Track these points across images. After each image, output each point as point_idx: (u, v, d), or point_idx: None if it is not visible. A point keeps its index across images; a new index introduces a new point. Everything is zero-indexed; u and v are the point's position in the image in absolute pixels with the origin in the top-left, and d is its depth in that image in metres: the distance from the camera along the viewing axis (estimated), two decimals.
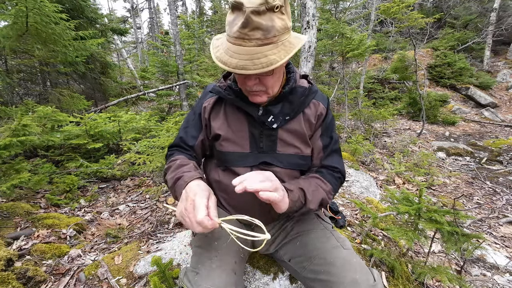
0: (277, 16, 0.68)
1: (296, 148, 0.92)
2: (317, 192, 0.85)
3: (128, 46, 17.60)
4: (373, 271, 0.80)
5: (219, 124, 0.92)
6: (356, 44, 4.01)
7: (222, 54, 0.73)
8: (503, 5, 10.12)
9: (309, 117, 0.92)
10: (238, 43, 0.70)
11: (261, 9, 0.65)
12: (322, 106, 0.94)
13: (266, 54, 0.69)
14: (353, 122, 5.56)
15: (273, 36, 0.69)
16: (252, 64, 0.68)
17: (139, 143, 2.71)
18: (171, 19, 5.72)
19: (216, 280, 0.74)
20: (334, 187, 0.92)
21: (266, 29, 0.67)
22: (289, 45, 0.72)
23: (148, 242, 1.66)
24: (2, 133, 1.91)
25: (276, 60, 0.69)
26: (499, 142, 5.44)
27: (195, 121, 0.98)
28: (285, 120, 0.89)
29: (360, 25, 9.73)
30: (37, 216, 1.86)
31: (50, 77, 4.17)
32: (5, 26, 2.67)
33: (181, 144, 0.99)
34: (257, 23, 0.66)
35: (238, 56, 0.69)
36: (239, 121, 0.91)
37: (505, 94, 8.91)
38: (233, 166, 0.92)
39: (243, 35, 0.68)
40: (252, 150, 0.91)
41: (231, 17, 0.71)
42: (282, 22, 0.70)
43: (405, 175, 3.45)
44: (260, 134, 0.90)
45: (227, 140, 0.91)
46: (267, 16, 0.67)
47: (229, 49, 0.71)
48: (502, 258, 1.91)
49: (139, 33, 17.81)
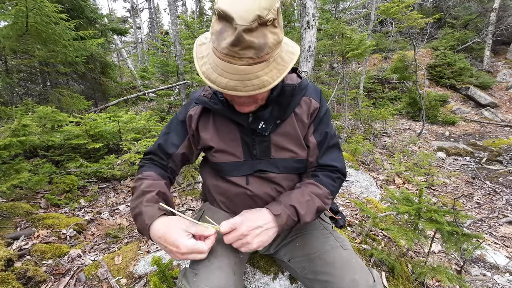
0: (270, 30, 0.62)
1: (291, 152, 0.88)
2: (312, 202, 0.81)
3: (128, 46, 17.60)
4: (373, 272, 0.80)
5: (210, 136, 0.89)
6: (356, 44, 4.01)
7: (210, 71, 0.67)
8: (503, 5, 10.12)
9: (302, 116, 0.87)
10: (227, 60, 0.63)
11: (253, 26, 0.59)
12: (314, 102, 0.88)
13: (258, 75, 0.64)
14: (353, 122, 5.56)
15: (266, 53, 0.63)
16: (243, 85, 0.64)
17: (139, 143, 2.71)
18: (171, 19, 5.72)
19: (214, 281, 0.74)
20: (332, 189, 0.87)
21: (258, 48, 0.61)
22: (282, 62, 0.68)
23: (148, 242, 1.66)
24: (2, 133, 1.91)
25: (269, 81, 0.65)
26: (499, 142, 5.45)
27: (178, 128, 0.93)
28: (276, 124, 0.85)
29: (360, 25, 9.73)
30: (37, 216, 1.86)
31: (50, 77, 4.17)
32: (5, 26, 2.67)
33: (158, 152, 0.93)
34: (249, 42, 0.60)
35: (227, 75, 0.64)
36: (230, 130, 0.88)
37: (505, 94, 8.91)
38: (229, 176, 0.90)
39: (233, 53, 0.62)
40: (246, 158, 0.88)
41: (217, 26, 0.63)
42: (275, 37, 0.64)
43: (405, 175, 3.45)
44: (253, 141, 0.87)
45: (220, 151, 0.89)
46: (260, 32, 0.60)
47: (217, 65, 0.65)
48: (502, 258, 1.91)
49: (139, 33, 17.81)
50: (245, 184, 0.89)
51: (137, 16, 17.78)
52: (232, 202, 0.95)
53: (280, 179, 0.90)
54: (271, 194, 0.90)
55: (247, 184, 0.89)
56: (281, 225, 0.76)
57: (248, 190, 0.89)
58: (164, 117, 4.96)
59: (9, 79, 3.14)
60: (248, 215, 0.77)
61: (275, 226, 0.76)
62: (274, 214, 0.76)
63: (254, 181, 0.90)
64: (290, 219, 0.77)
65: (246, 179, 0.90)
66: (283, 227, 0.77)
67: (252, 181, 0.90)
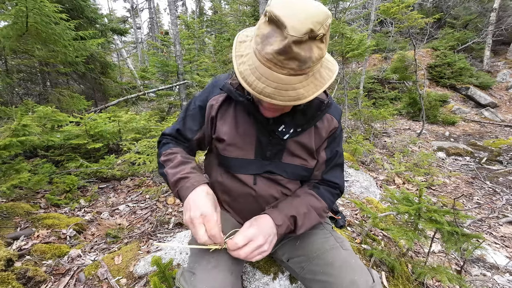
0: (316, 45, 0.61)
1: (303, 160, 0.89)
2: (309, 215, 0.84)
3: (128, 46, 17.60)
4: (372, 272, 0.80)
5: (227, 128, 0.87)
6: (356, 44, 4.01)
7: (248, 72, 0.65)
8: (503, 5, 10.12)
9: (321, 131, 0.88)
10: (268, 66, 0.62)
11: (304, 39, 0.57)
12: (335, 121, 0.90)
13: (295, 87, 0.63)
14: (353, 122, 5.56)
15: (307, 67, 0.63)
16: (279, 94, 0.63)
17: (139, 143, 2.71)
18: (171, 19, 5.72)
19: (212, 280, 0.74)
20: (330, 203, 0.90)
21: (303, 61, 0.60)
22: (320, 78, 0.67)
23: (148, 242, 1.66)
24: (2, 133, 1.91)
25: (304, 95, 0.65)
26: (499, 142, 5.45)
27: (195, 114, 0.92)
28: (296, 131, 0.85)
29: (360, 25, 9.72)
30: (37, 216, 1.86)
31: (50, 77, 4.17)
32: (5, 26, 2.67)
33: (177, 135, 0.94)
34: (296, 54, 0.59)
35: (265, 80, 0.63)
36: (248, 126, 0.87)
37: (505, 94, 8.91)
38: (236, 172, 0.89)
39: (277, 61, 0.60)
40: (256, 157, 0.88)
41: (265, 29, 0.62)
42: (319, 52, 0.63)
43: (405, 175, 3.45)
44: (268, 142, 0.86)
45: (232, 145, 0.87)
46: (307, 45, 0.59)
47: (257, 68, 0.63)
48: (502, 258, 1.91)
49: (139, 33, 17.82)
50: (252, 183, 0.89)
51: (137, 16, 17.78)
52: (235, 202, 0.95)
53: (286, 183, 0.91)
54: (276, 197, 0.90)
55: (254, 184, 0.89)
56: (280, 234, 0.80)
57: (254, 190, 0.89)
58: (164, 117, 4.96)
59: (9, 79, 3.14)
60: (259, 224, 0.78)
61: (277, 234, 0.79)
62: (277, 224, 0.79)
63: (262, 182, 0.89)
64: (288, 229, 0.81)
65: (254, 179, 0.89)
66: (281, 236, 0.81)
67: (260, 182, 0.89)
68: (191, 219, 0.72)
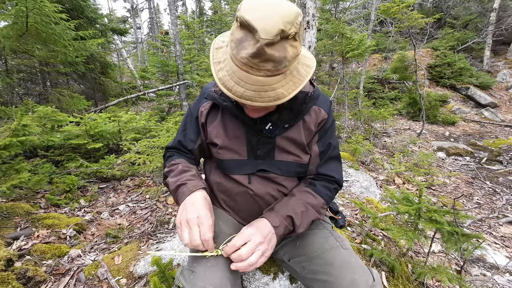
0: (290, 43, 0.62)
1: (295, 156, 0.89)
2: (306, 213, 0.83)
3: (128, 46, 17.61)
4: (373, 271, 0.80)
5: (216, 132, 0.91)
6: (356, 44, 4.01)
7: (227, 78, 0.67)
8: (503, 5, 10.12)
9: (309, 125, 0.88)
10: (245, 70, 0.64)
11: (275, 40, 0.59)
12: (323, 113, 0.89)
13: (274, 87, 0.65)
14: (353, 122, 5.56)
15: (284, 67, 0.64)
16: (259, 96, 0.65)
17: (139, 143, 2.71)
18: (171, 19, 5.72)
19: (211, 279, 0.74)
20: (328, 199, 0.90)
21: (278, 61, 0.62)
22: (298, 75, 0.69)
23: (148, 242, 1.66)
24: (2, 133, 1.91)
25: (284, 94, 0.66)
26: (499, 142, 5.45)
27: (193, 124, 0.97)
28: (284, 128, 0.86)
29: (360, 25, 9.73)
30: (37, 216, 1.86)
31: (50, 77, 4.17)
32: (5, 26, 2.67)
33: (180, 147, 0.99)
34: (270, 55, 0.60)
35: (244, 84, 0.64)
36: (237, 128, 0.89)
37: (505, 94, 8.91)
38: (231, 173, 0.92)
39: (252, 64, 0.62)
40: (249, 157, 0.89)
41: (238, 34, 0.63)
42: (294, 50, 0.64)
43: (405, 175, 3.45)
44: (258, 141, 0.87)
45: (224, 148, 0.90)
46: (280, 45, 0.61)
47: (234, 73, 0.65)
48: (502, 258, 1.91)
49: (139, 33, 17.81)
50: (247, 183, 0.90)
51: (137, 16, 17.78)
52: (233, 201, 0.96)
53: (282, 180, 0.91)
54: (273, 195, 0.91)
55: (249, 183, 0.90)
56: (279, 235, 0.80)
57: (250, 189, 0.90)
58: (164, 117, 4.95)
59: (9, 79, 3.14)
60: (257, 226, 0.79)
61: (275, 236, 0.79)
62: (274, 226, 0.79)
63: (256, 181, 0.90)
64: (287, 230, 0.81)
65: (248, 178, 0.90)
66: (280, 237, 0.81)
67: (254, 181, 0.90)
68: (188, 219, 0.74)
